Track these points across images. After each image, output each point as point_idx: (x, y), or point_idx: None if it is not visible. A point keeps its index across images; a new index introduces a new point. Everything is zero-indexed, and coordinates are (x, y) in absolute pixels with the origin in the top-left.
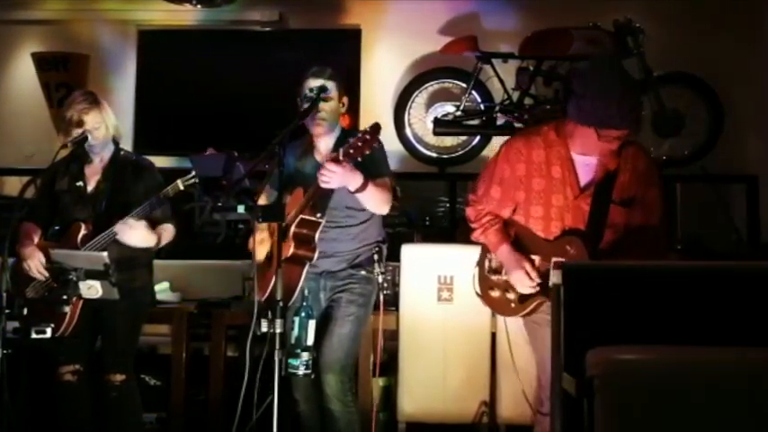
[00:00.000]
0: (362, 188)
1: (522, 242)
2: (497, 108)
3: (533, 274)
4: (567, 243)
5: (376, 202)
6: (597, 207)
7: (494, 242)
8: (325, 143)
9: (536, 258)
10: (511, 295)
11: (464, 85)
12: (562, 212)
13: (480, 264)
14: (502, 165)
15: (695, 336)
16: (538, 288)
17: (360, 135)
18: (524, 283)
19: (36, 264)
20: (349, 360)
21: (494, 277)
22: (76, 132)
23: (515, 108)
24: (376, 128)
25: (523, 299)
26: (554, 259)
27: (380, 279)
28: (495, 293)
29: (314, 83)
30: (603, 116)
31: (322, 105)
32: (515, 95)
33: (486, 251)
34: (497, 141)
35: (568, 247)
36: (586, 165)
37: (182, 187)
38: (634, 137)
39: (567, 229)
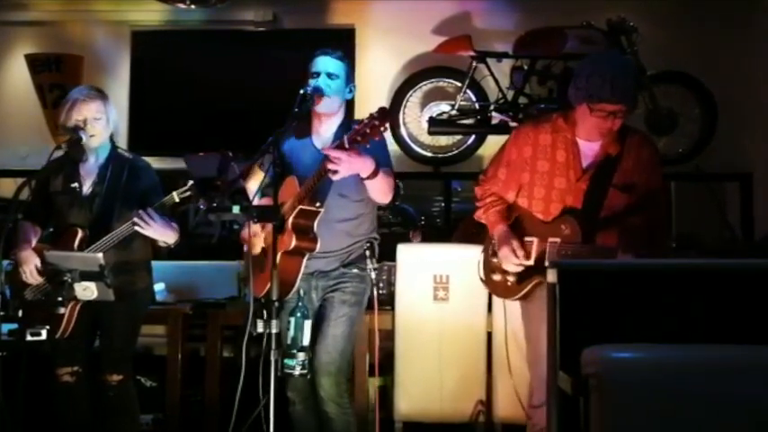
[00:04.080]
0: (374, 174)
1: (522, 225)
2: (492, 107)
3: (518, 252)
4: (562, 223)
5: (383, 190)
6: (594, 188)
7: (492, 221)
8: (326, 126)
9: (534, 240)
10: (510, 277)
11: (459, 84)
12: (563, 194)
13: (485, 249)
14: (510, 148)
15: (691, 334)
16: (520, 267)
17: (366, 121)
18: (510, 259)
19: (31, 268)
20: (344, 361)
21: (495, 260)
22: (75, 120)
23: (510, 107)
24: (384, 112)
25: (521, 279)
26: (550, 239)
27: (373, 275)
28: (497, 277)
29: (320, 63)
30: (594, 90)
31: (328, 82)
32: (510, 94)
33: (491, 236)
34: (492, 141)
35: (563, 227)
36: (591, 150)
37: (177, 199)
38: (630, 113)
39: (566, 208)
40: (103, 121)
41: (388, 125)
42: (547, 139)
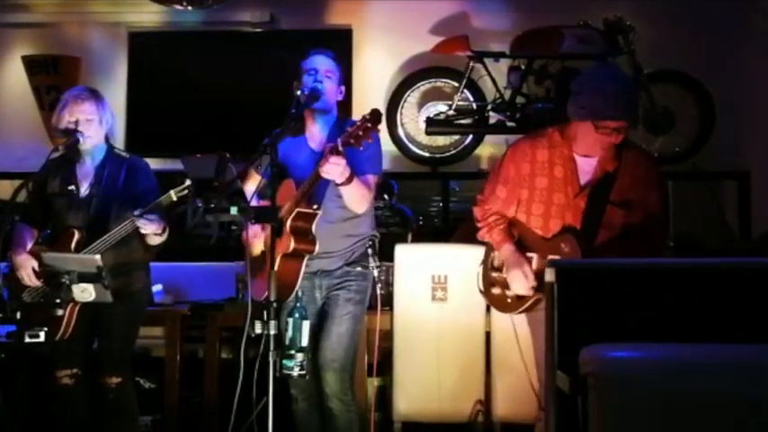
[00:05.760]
0: (348, 182)
1: (522, 241)
2: (489, 107)
3: (530, 277)
4: (562, 241)
5: (356, 198)
6: (593, 206)
7: (497, 241)
8: (319, 126)
9: (534, 256)
10: (510, 292)
11: (456, 84)
12: (563, 211)
13: (484, 261)
14: (508, 165)
15: (688, 333)
16: (532, 292)
17: (359, 123)
18: (521, 283)
19: (28, 272)
20: (348, 358)
21: (495, 274)
22: (67, 121)
23: (507, 107)
24: (376, 114)
25: (521, 296)
26: (549, 257)
27: (376, 273)
28: (496, 290)
29: (316, 60)
30: (599, 108)
31: (325, 82)
32: (507, 94)
33: (490, 249)
34: (490, 140)
35: (563, 245)
36: (588, 165)
37: (174, 198)
38: (633, 128)
39: (565, 226)
40: (96, 123)
41: (380, 127)
42: (544, 155)
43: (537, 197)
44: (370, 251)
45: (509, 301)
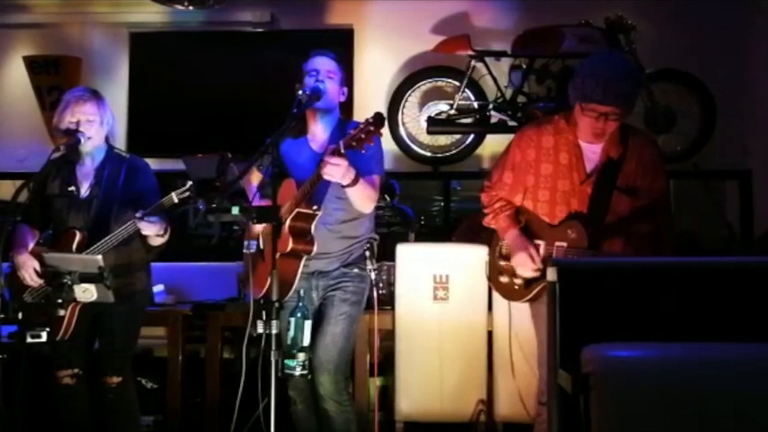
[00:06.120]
0: (353, 183)
1: (529, 228)
2: (491, 106)
3: (536, 259)
4: (569, 227)
5: (363, 199)
6: (599, 192)
7: (503, 227)
8: (321, 127)
9: (541, 243)
10: (517, 280)
11: (457, 83)
12: (568, 197)
13: (492, 250)
14: (514, 151)
15: (690, 332)
16: (538, 273)
17: (362, 125)
18: (526, 265)
19: (30, 272)
20: (343, 359)
21: (503, 263)
22: (68, 121)
23: (509, 106)
24: (379, 118)
25: (528, 283)
26: (556, 244)
27: (373, 276)
28: (504, 279)
29: (317, 61)
30: (586, 91)
31: (326, 82)
32: (508, 93)
33: (498, 238)
34: (491, 140)
35: (569, 231)
36: (593, 152)
37: (176, 200)
38: (626, 115)
39: (572, 212)
40: (97, 124)
41: (383, 131)
42: (549, 141)
43: (542, 183)
44: (367, 253)
45: (516, 288)
